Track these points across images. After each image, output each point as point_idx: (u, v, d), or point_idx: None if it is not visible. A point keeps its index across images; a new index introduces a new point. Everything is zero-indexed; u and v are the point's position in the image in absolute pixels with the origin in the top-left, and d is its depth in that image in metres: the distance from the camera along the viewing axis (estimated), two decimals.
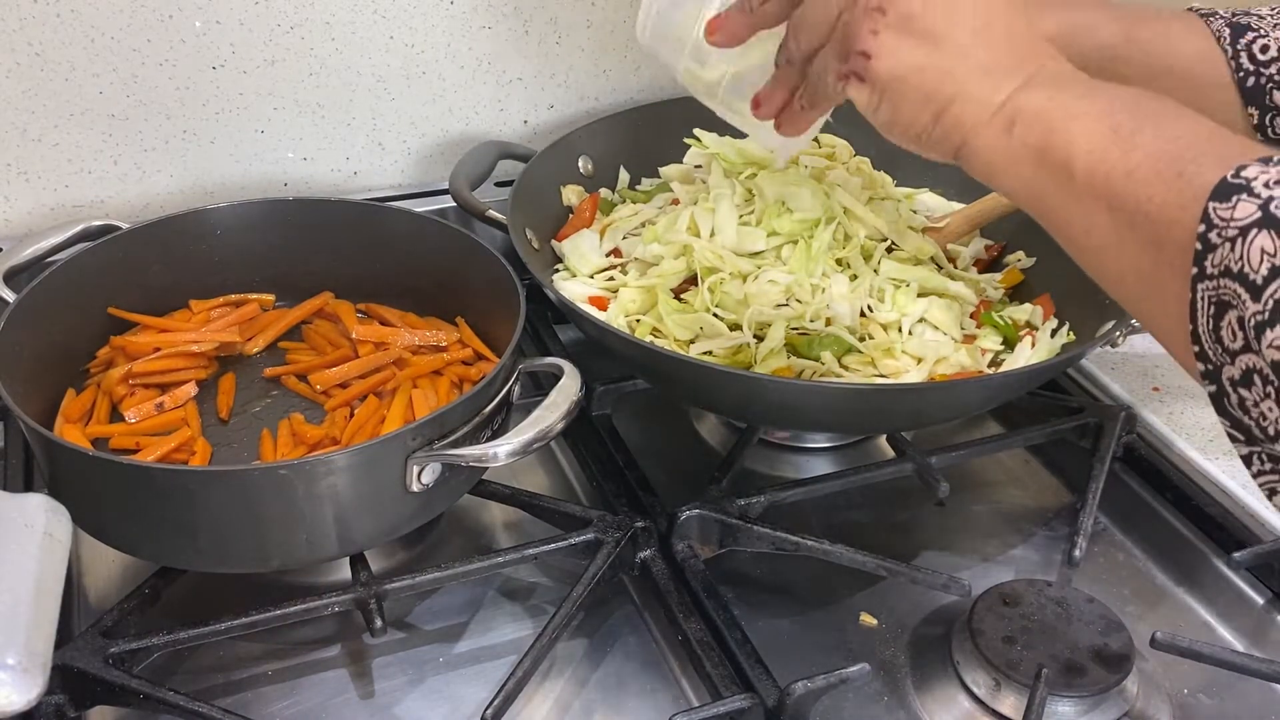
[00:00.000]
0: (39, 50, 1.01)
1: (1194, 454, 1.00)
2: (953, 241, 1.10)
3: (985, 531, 0.98)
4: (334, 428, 0.89)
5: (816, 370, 0.94)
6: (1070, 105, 0.62)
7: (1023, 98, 0.64)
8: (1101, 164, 0.59)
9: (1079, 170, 0.60)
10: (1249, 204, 0.51)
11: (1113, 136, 0.59)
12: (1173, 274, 0.55)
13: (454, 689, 0.83)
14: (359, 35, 1.10)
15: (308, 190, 1.15)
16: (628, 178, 1.18)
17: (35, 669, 0.65)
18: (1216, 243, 0.52)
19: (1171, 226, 0.55)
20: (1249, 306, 0.51)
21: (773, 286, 0.97)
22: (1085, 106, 0.62)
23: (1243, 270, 0.51)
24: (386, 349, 0.96)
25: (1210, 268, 0.53)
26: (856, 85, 0.67)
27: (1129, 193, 0.57)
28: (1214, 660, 0.83)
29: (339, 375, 0.94)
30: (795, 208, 1.02)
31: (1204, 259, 0.53)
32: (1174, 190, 0.55)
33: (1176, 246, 0.55)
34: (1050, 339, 0.99)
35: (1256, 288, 0.51)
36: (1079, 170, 0.60)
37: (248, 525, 0.77)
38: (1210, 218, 0.53)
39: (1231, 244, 0.52)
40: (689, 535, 0.90)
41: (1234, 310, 0.52)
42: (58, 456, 0.79)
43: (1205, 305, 0.54)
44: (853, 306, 0.97)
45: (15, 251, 0.95)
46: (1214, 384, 0.55)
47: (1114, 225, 0.59)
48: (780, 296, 0.97)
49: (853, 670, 0.78)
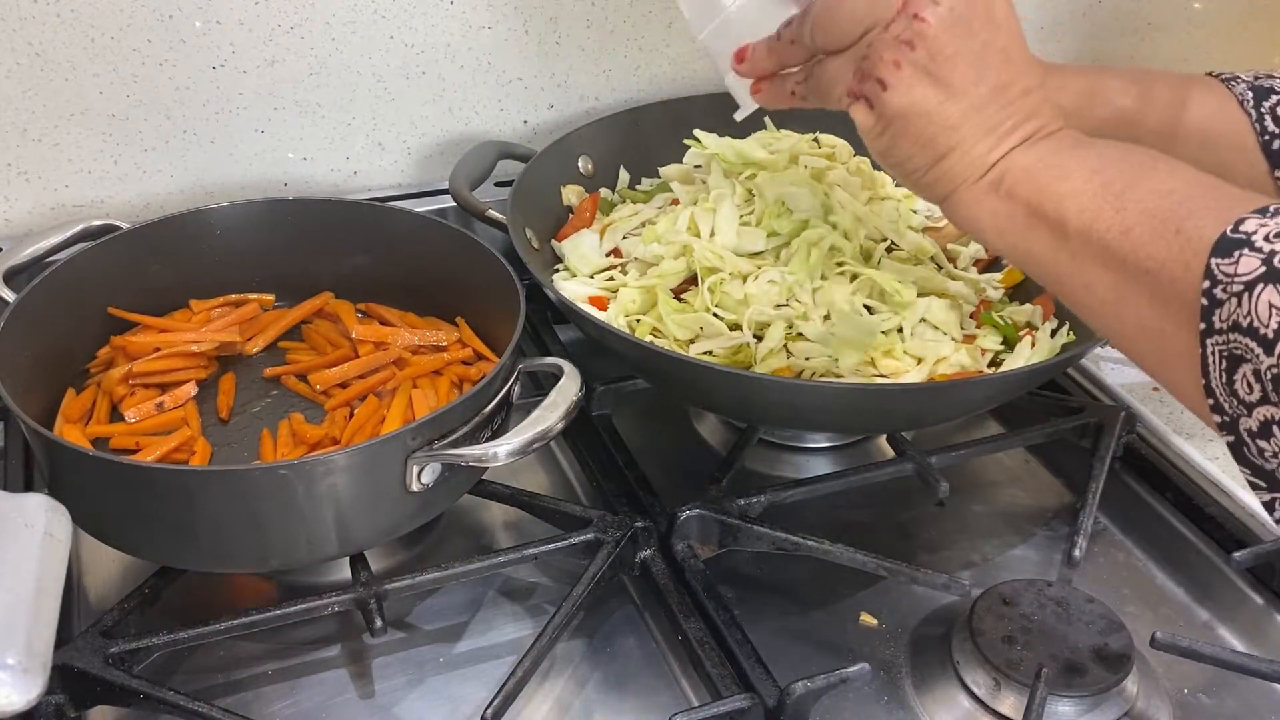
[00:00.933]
0: (39, 50, 1.01)
1: (1194, 454, 1.00)
2: (953, 241, 1.10)
3: (985, 531, 0.98)
4: (334, 428, 0.89)
5: (816, 370, 0.94)
6: (1058, 164, 0.62)
7: (1015, 157, 0.64)
8: (1096, 222, 0.59)
9: (1072, 230, 0.60)
10: (1252, 258, 0.52)
11: (1104, 194, 0.59)
12: (1179, 329, 0.55)
13: (454, 689, 0.83)
14: (359, 35, 1.10)
15: (308, 190, 1.15)
16: (628, 178, 1.18)
17: (35, 669, 0.65)
18: (1222, 298, 0.52)
19: (1175, 283, 0.55)
20: (1263, 360, 0.51)
21: (773, 286, 0.97)
22: (1074, 165, 0.62)
23: (1252, 325, 0.51)
24: (386, 349, 0.96)
25: (1218, 323, 0.53)
26: (864, 109, 0.68)
27: (1127, 250, 0.57)
28: (1214, 660, 0.83)
29: (339, 375, 0.94)
30: (795, 208, 1.02)
31: (1211, 315, 0.53)
32: (1174, 248, 0.55)
33: (1181, 302, 0.55)
34: (1050, 339, 0.99)
35: (1269, 341, 0.51)
36: (1072, 230, 0.60)
37: (248, 525, 0.77)
38: (1214, 274, 0.53)
39: (1238, 299, 0.52)
40: (689, 535, 0.90)
41: (1247, 364, 0.52)
42: (58, 456, 0.79)
43: (1217, 359, 0.54)
44: (853, 307, 0.97)
45: (15, 251, 0.95)
46: (1231, 435, 0.55)
47: (1114, 283, 0.59)
48: (780, 296, 0.97)
49: (853, 670, 0.78)
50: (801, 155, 1.09)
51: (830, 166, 1.09)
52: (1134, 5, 1.41)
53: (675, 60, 1.23)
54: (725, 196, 1.04)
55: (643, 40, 1.21)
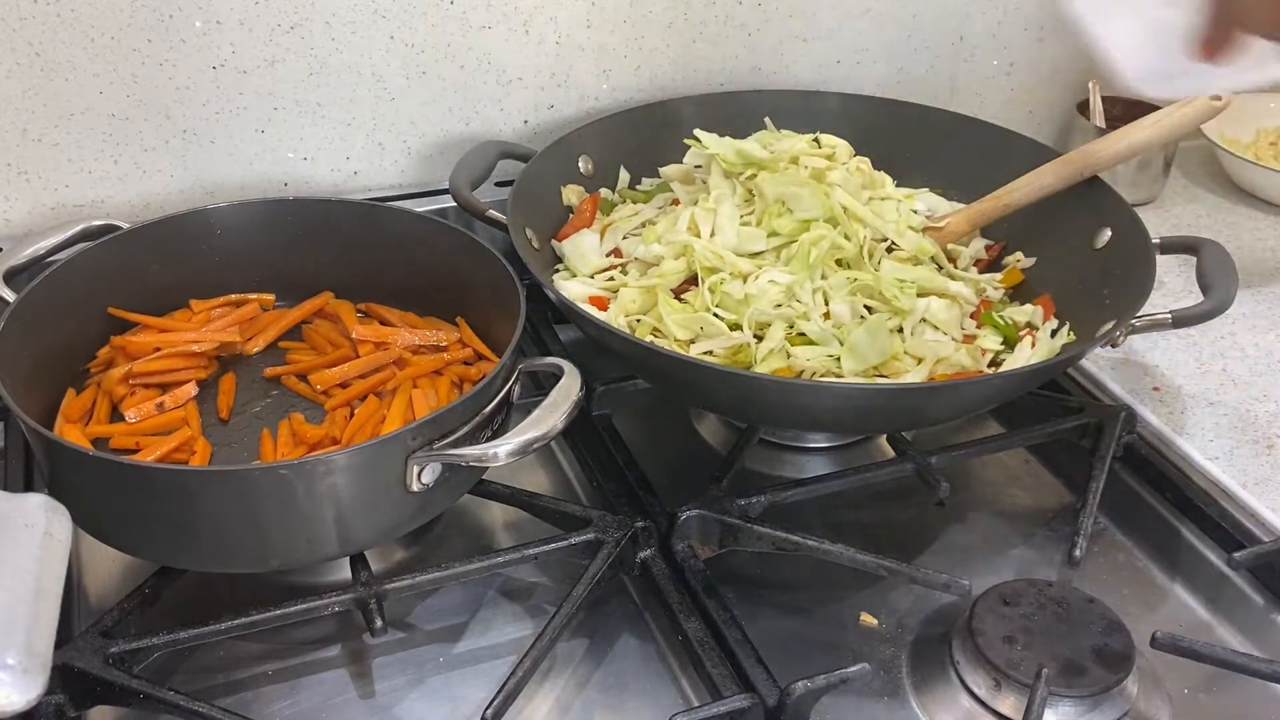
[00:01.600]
0: (39, 50, 1.01)
1: (1194, 454, 1.00)
2: (953, 241, 1.10)
3: (985, 531, 0.98)
4: (334, 428, 0.89)
5: (816, 371, 0.94)
6: None
7: None
8: None
9: None
10: None
11: None
12: None
13: (454, 689, 0.83)
14: (359, 35, 1.10)
15: (308, 190, 1.16)
16: (628, 178, 1.18)
17: (35, 669, 0.65)
18: None
19: None
20: None
21: (773, 286, 0.97)
22: None
23: None
24: (386, 349, 0.96)
25: None
26: None
27: None
28: (1214, 660, 0.83)
29: (339, 375, 0.94)
30: (795, 208, 1.02)
31: None
32: None
33: None
34: (1050, 339, 0.99)
35: None
36: None
37: (248, 525, 0.77)
38: None
39: None
40: (689, 535, 0.90)
41: None
42: (58, 456, 0.79)
43: None
44: (853, 307, 0.97)
45: (15, 251, 0.95)
46: None
47: None
48: (780, 297, 0.97)
49: (853, 670, 0.78)
50: (801, 156, 1.10)
51: (830, 166, 1.09)
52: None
53: (675, 60, 1.23)
54: (726, 197, 1.04)
55: (643, 40, 1.21)
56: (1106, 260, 1.04)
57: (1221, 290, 0.96)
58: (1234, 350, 1.14)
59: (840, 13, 1.27)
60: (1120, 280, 1.00)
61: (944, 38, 1.34)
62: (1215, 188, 1.44)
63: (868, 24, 1.29)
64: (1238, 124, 1.47)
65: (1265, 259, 1.30)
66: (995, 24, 1.35)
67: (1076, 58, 1.41)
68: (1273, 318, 1.19)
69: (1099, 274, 1.03)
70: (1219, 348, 1.14)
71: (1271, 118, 1.48)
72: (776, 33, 1.26)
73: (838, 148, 1.13)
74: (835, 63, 1.30)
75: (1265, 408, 1.06)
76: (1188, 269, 1.05)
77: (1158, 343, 1.14)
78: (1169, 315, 0.95)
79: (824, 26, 1.28)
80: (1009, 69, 1.39)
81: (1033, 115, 1.44)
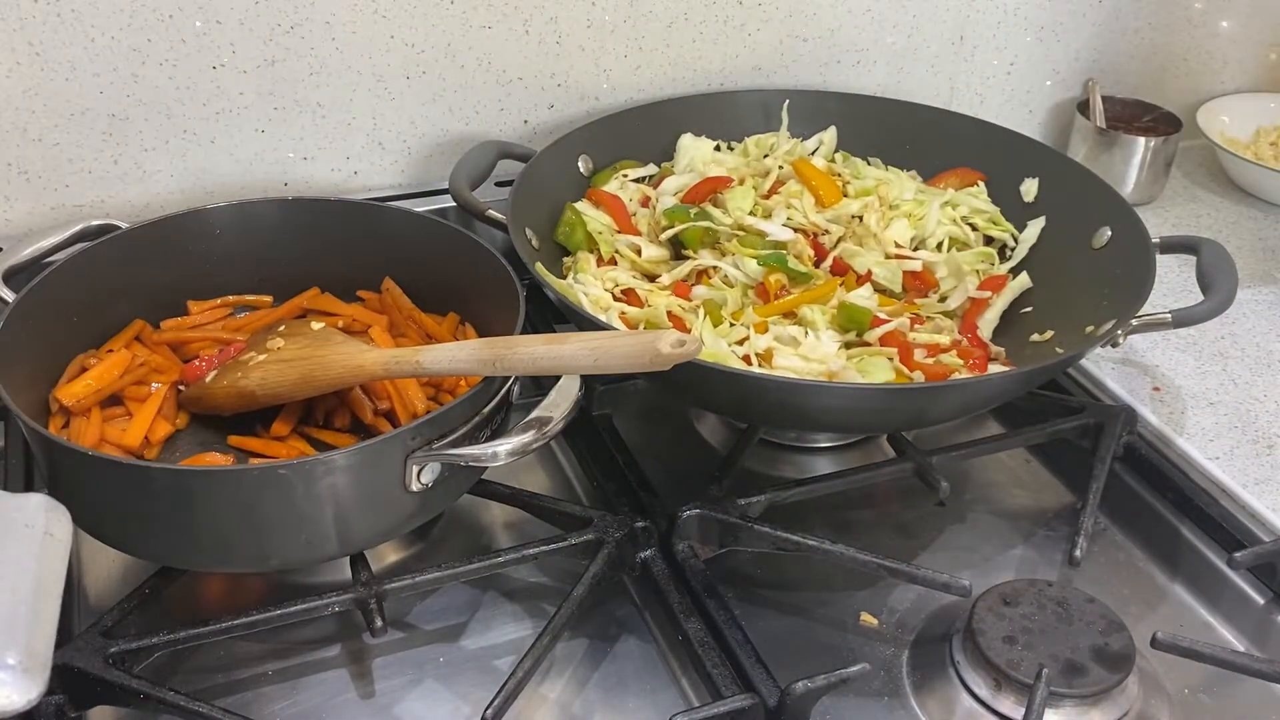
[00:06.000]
0: (39, 50, 1.01)
1: (1194, 454, 1.00)
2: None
3: (985, 531, 0.98)
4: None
5: (817, 370, 0.94)
6: None
7: None
8: None
9: None
10: None
11: None
12: None
13: (454, 689, 0.83)
14: (359, 35, 1.10)
15: (308, 190, 1.15)
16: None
17: (35, 669, 0.65)
18: None
19: None
20: None
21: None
22: None
23: None
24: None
25: None
26: None
27: None
28: (1214, 660, 0.83)
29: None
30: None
31: None
32: None
33: None
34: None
35: None
36: None
37: (248, 525, 0.77)
38: None
39: None
40: (689, 535, 0.90)
41: None
42: (58, 456, 0.79)
43: None
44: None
45: (15, 251, 0.95)
46: None
47: None
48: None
49: (853, 670, 0.78)
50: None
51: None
52: (1134, 5, 1.41)
53: (675, 60, 1.23)
54: None
55: (643, 40, 1.21)
56: (1106, 260, 1.04)
57: (1221, 290, 0.96)
58: (1234, 350, 1.14)
59: (840, 13, 1.27)
60: (1120, 280, 1.00)
61: (944, 38, 1.34)
62: (1215, 188, 1.44)
63: (868, 24, 1.29)
64: (1238, 124, 1.47)
65: (1265, 259, 1.30)
66: (995, 24, 1.35)
67: (1076, 58, 1.41)
68: (1273, 318, 1.19)
69: (1099, 274, 1.03)
70: (1219, 348, 1.14)
71: (1271, 118, 1.48)
72: (776, 33, 1.26)
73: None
74: (835, 63, 1.30)
75: (1265, 408, 1.06)
76: (1188, 269, 1.05)
77: (1158, 343, 1.14)
78: (1169, 315, 0.95)
79: (824, 26, 1.28)
80: (1009, 69, 1.39)
81: (1033, 115, 1.44)
